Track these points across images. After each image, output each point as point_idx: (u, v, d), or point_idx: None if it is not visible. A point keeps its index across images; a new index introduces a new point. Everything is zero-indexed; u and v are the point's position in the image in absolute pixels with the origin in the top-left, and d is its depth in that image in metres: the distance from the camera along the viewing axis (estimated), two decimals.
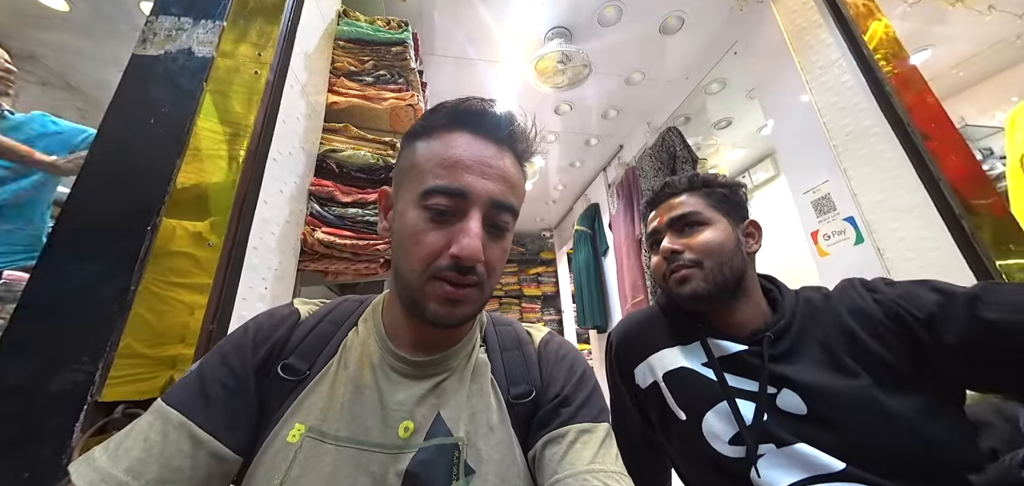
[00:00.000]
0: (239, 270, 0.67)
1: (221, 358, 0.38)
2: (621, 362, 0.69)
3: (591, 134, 2.83)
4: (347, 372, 0.40)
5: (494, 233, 0.39)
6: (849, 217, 1.45)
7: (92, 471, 0.31)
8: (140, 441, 0.33)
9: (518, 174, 0.43)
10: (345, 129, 1.07)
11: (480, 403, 0.41)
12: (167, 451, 0.33)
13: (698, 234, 0.61)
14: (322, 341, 0.42)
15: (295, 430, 0.36)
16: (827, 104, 1.54)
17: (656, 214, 0.68)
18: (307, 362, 0.40)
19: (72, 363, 0.51)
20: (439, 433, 0.38)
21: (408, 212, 0.38)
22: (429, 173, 0.38)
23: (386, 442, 0.36)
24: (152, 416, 0.35)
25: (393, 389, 0.39)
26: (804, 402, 0.53)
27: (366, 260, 0.96)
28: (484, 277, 0.39)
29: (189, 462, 0.33)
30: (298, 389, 0.38)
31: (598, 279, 3.04)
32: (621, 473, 0.38)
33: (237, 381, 0.37)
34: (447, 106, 0.41)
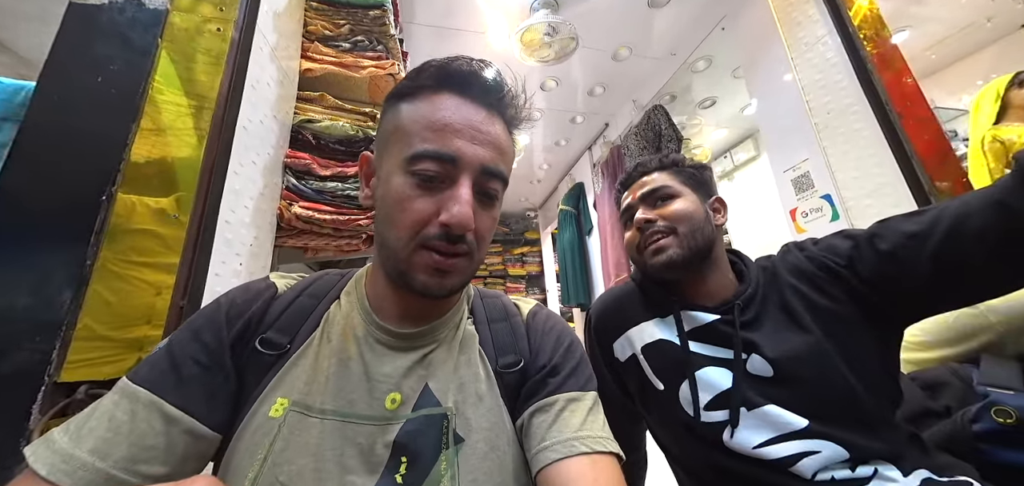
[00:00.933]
0: (210, 243, 0.63)
1: (192, 334, 0.36)
2: (600, 336, 0.70)
3: (577, 111, 2.80)
4: (330, 345, 0.38)
5: (484, 201, 0.38)
6: (826, 195, 1.49)
7: (51, 453, 0.29)
8: (105, 420, 0.31)
9: (508, 141, 0.41)
10: (321, 98, 1.01)
11: (468, 374, 0.40)
12: (136, 429, 0.31)
13: (670, 205, 0.64)
14: (302, 315, 0.40)
15: (278, 404, 0.35)
16: (811, 82, 1.56)
17: (628, 192, 0.70)
18: (287, 336, 0.38)
19: (24, 343, 0.47)
20: (427, 404, 0.37)
21: (394, 178, 0.36)
22: (416, 136, 0.36)
23: (373, 414, 0.35)
24: (117, 396, 0.33)
25: (379, 361, 0.38)
26: (770, 365, 0.55)
27: (347, 236, 0.93)
28: (474, 246, 0.38)
29: (163, 440, 0.31)
30: (279, 364, 0.37)
31: (582, 258, 3.07)
32: (608, 438, 0.38)
33: (211, 357, 0.36)
34: (434, 65, 0.39)
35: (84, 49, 0.59)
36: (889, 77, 1.33)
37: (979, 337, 0.66)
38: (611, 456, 0.37)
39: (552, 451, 0.36)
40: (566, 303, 3.15)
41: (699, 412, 0.56)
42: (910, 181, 1.21)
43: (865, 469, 0.49)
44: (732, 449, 0.54)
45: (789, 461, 0.50)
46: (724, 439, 0.54)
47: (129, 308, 0.55)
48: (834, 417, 0.51)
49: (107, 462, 0.29)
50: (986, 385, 0.60)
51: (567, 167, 3.47)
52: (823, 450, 0.50)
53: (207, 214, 0.63)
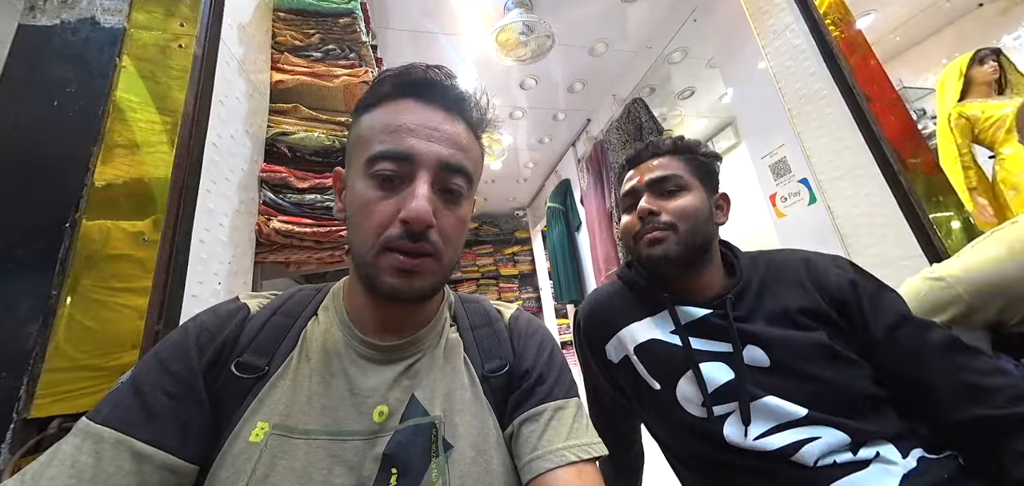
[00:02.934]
0: (185, 264, 0.61)
1: (159, 364, 0.35)
2: (591, 339, 0.69)
3: (558, 109, 2.81)
4: (310, 363, 0.38)
5: (447, 199, 0.38)
6: (803, 179, 1.53)
7: None
8: (66, 467, 0.29)
9: (470, 140, 0.41)
10: (295, 110, 0.99)
11: (455, 382, 0.40)
12: (102, 472, 0.29)
13: (676, 198, 0.62)
14: (279, 335, 0.39)
15: (258, 429, 0.34)
16: (781, 69, 1.60)
17: (635, 173, 0.66)
18: (264, 358, 0.37)
19: None
20: (415, 414, 0.37)
21: (356, 184, 0.37)
22: (374, 140, 0.37)
23: (361, 429, 0.35)
24: (78, 439, 0.31)
25: (363, 375, 0.38)
26: (767, 355, 0.56)
27: (329, 247, 0.91)
28: (440, 247, 0.37)
29: (134, 480, 0.30)
30: (257, 387, 0.36)
31: (573, 254, 3.08)
32: (591, 443, 0.39)
33: (181, 386, 0.34)
34: (391, 74, 0.40)
35: (37, 72, 0.57)
36: (856, 61, 1.37)
37: (949, 309, 0.67)
38: (593, 462, 0.38)
39: (544, 461, 0.37)
40: (560, 300, 3.17)
41: (711, 408, 0.56)
42: (880, 162, 1.25)
43: (867, 451, 0.49)
44: (732, 443, 0.54)
45: (790, 449, 0.50)
46: (725, 433, 0.54)
47: (113, 334, 0.53)
48: (833, 404, 0.52)
49: None
50: None
51: (552, 164, 3.49)
52: (824, 436, 0.50)
53: (179, 235, 0.61)
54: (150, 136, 0.62)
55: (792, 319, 0.57)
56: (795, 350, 0.55)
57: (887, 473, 0.47)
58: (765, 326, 0.57)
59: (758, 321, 0.58)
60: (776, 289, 0.60)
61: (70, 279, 0.52)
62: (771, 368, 0.55)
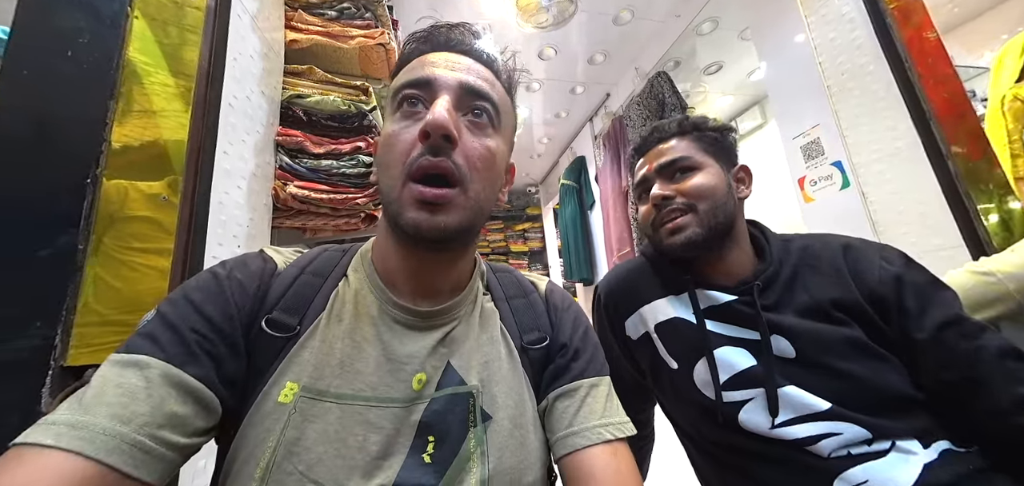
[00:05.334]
0: (205, 225, 0.61)
1: (191, 306, 0.33)
2: (611, 314, 0.68)
3: (577, 82, 2.70)
4: (341, 325, 0.37)
5: (472, 126, 0.37)
6: (837, 162, 1.45)
7: (56, 426, 0.25)
8: (112, 387, 0.27)
9: (495, 81, 0.41)
10: (310, 72, 0.96)
11: (492, 351, 0.40)
12: (154, 395, 0.28)
13: (689, 178, 0.59)
14: (308, 293, 0.38)
15: (287, 389, 0.33)
16: (824, 41, 1.48)
17: (644, 161, 0.65)
18: (295, 316, 0.36)
19: (24, 330, 0.46)
20: (451, 382, 0.36)
21: (388, 127, 0.38)
22: (399, 78, 0.39)
23: (398, 395, 0.34)
24: (118, 366, 0.29)
25: (400, 341, 0.37)
26: (792, 346, 0.53)
27: (346, 215, 0.90)
28: (465, 172, 0.35)
29: (180, 410, 0.28)
30: (288, 346, 0.35)
31: (585, 233, 3.04)
32: (624, 422, 0.39)
33: (217, 332, 0.33)
34: (420, 33, 0.41)
35: (48, 20, 0.55)
36: (909, 33, 1.25)
37: (997, 306, 0.63)
38: (626, 441, 0.38)
39: (580, 437, 0.36)
40: (569, 278, 3.15)
41: (720, 393, 0.55)
42: (927, 145, 1.16)
43: (882, 443, 0.47)
44: (746, 428, 0.53)
45: (808, 441, 0.49)
46: (740, 418, 0.53)
47: (137, 293, 0.54)
48: (859, 400, 0.49)
49: (129, 426, 0.26)
50: None
51: (568, 140, 3.39)
52: (845, 432, 0.48)
53: (198, 195, 0.60)
54: (164, 94, 0.60)
55: (824, 312, 0.54)
56: (824, 344, 0.52)
57: (905, 462, 0.46)
58: (794, 318, 0.54)
59: (787, 312, 0.55)
60: (809, 278, 0.57)
61: (94, 237, 0.52)
62: (796, 360, 0.53)
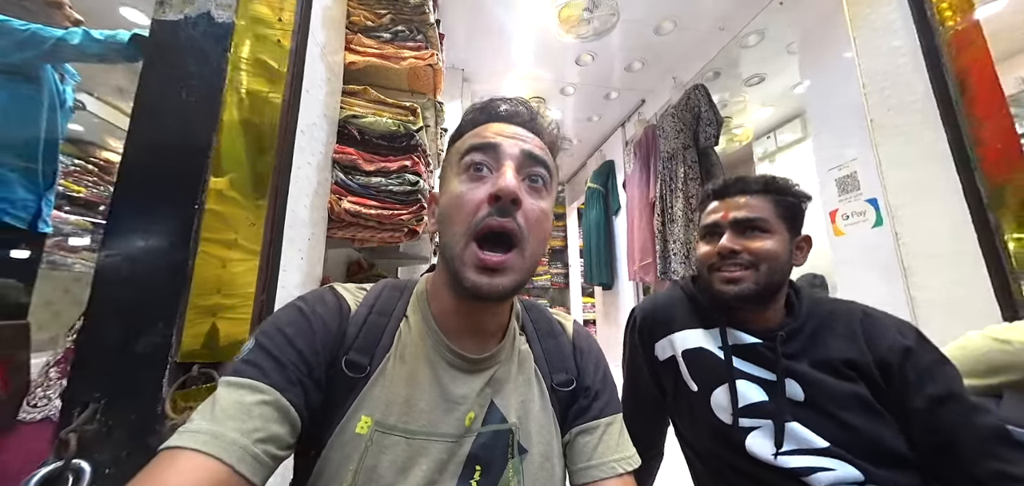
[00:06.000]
0: (280, 246, 0.72)
1: (286, 340, 0.38)
2: (643, 335, 0.75)
3: (612, 87, 2.69)
4: (405, 366, 0.42)
5: (531, 188, 0.42)
6: (872, 199, 1.42)
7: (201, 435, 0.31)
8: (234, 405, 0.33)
9: (546, 151, 0.45)
10: (365, 92, 1.06)
11: (528, 392, 0.45)
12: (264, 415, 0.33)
13: (759, 240, 0.63)
14: (376, 334, 0.43)
15: (362, 422, 0.38)
16: (873, 71, 1.44)
17: (721, 206, 0.67)
18: (366, 356, 0.41)
19: (151, 328, 0.58)
20: (494, 420, 0.42)
21: (451, 184, 0.42)
22: (466, 142, 0.43)
23: (452, 431, 0.40)
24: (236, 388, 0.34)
25: (454, 383, 0.42)
26: (803, 391, 0.60)
27: (391, 229, 1.00)
28: (524, 232, 0.39)
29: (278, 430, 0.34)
30: (361, 384, 0.40)
31: (607, 238, 3.06)
32: (632, 456, 0.46)
33: (305, 366, 0.38)
34: (479, 104, 0.46)
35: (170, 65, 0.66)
36: (963, 63, 1.20)
37: (1007, 373, 0.66)
38: (632, 474, 0.45)
39: (598, 470, 0.43)
40: (589, 281, 3.20)
41: (737, 420, 0.61)
42: (969, 194, 1.13)
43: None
44: (751, 453, 0.59)
45: (804, 472, 0.56)
46: (747, 444, 0.60)
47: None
48: (856, 447, 0.55)
49: (249, 439, 0.32)
50: (1004, 420, 0.62)
51: (598, 143, 3.39)
52: (838, 470, 0.55)
53: (276, 223, 0.71)
54: (255, 125, 0.71)
55: (835, 368, 0.60)
56: (830, 394, 0.58)
57: None
58: (808, 368, 0.61)
59: (803, 361, 0.61)
60: (828, 337, 0.63)
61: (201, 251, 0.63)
62: (804, 403, 0.60)
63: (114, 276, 0.59)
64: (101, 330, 0.57)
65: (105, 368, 0.56)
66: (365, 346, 0.42)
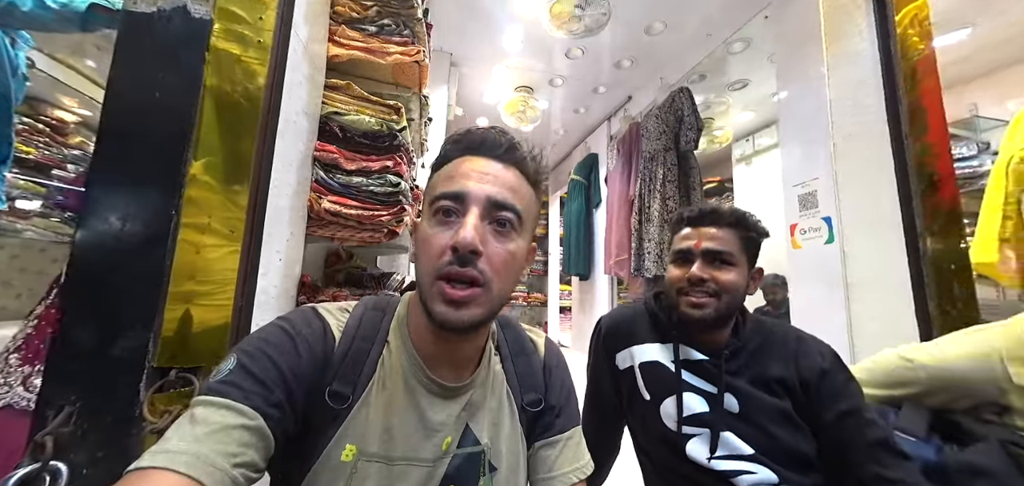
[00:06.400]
0: (259, 250, 0.73)
1: (270, 361, 0.38)
2: (607, 345, 0.82)
3: (601, 82, 2.70)
4: (386, 393, 0.43)
5: (498, 232, 0.42)
6: (827, 217, 1.53)
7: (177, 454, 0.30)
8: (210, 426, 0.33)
9: (522, 184, 0.45)
10: (347, 87, 1.04)
11: (499, 414, 0.49)
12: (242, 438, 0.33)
13: (725, 271, 0.70)
14: (359, 361, 0.44)
15: (347, 450, 0.40)
16: (840, 98, 1.52)
17: (694, 234, 0.73)
18: (350, 386, 0.42)
19: (127, 332, 0.59)
20: (469, 443, 0.45)
21: (422, 224, 0.44)
22: (438, 186, 0.44)
23: (430, 456, 0.43)
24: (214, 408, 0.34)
25: (432, 409, 0.44)
26: (739, 404, 0.69)
27: (371, 229, 1.02)
28: (489, 275, 0.40)
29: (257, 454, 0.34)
30: (344, 414, 0.41)
31: (587, 231, 3.14)
32: (586, 463, 0.52)
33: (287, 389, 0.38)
34: (455, 137, 0.47)
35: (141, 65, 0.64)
36: (917, 99, 1.29)
37: (908, 387, 0.76)
38: (586, 481, 0.51)
39: (557, 481, 0.48)
40: (567, 271, 3.29)
41: (681, 426, 0.70)
42: (906, 223, 1.25)
43: None
44: (690, 457, 0.68)
45: (732, 475, 0.65)
46: (687, 449, 0.69)
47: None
48: (776, 454, 0.65)
49: (226, 459, 0.31)
50: (898, 428, 0.73)
51: (583, 135, 3.41)
52: (759, 474, 0.64)
53: (256, 229, 0.72)
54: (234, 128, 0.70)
55: (767, 385, 0.69)
56: (761, 408, 0.68)
57: None
58: (746, 384, 0.70)
59: (742, 378, 0.70)
60: (765, 357, 0.72)
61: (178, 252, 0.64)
62: (739, 415, 0.69)
63: (87, 277, 0.60)
64: (75, 333, 0.58)
65: (80, 371, 0.57)
66: (349, 376, 0.43)
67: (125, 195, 0.63)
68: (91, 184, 0.62)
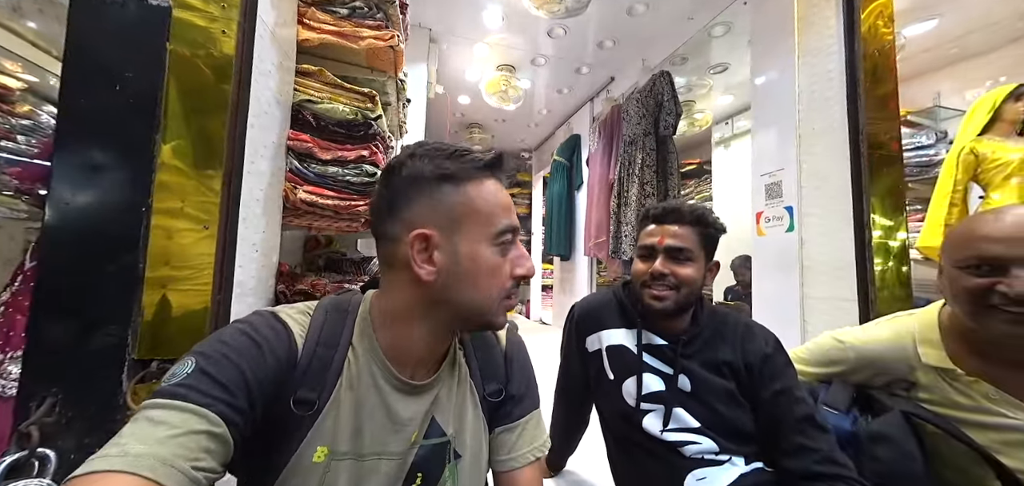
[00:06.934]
0: (235, 243, 0.74)
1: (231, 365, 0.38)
2: (579, 329, 0.90)
3: (584, 62, 2.68)
4: (353, 394, 0.45)
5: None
6: (789, 206, 1.62)
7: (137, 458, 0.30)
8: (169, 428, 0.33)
9: None
10: (320, 74, 1.02)
11: (463, 405, 0.52)
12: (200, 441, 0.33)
13: (684, 267, 0.77)
14: (324, 367, 0.44)
15: (318, 452, 0.42)
16: (808, 91, 1.58)
17: (658, 231, 0.80)
18: (314, 392, 0.43)
19: (105, 329, 0.61)
20: (435, 434, 0.48)
21: (482, 251, 0.45)
22: (495, 216, 0.46)
23: (398, 449, 0.46)
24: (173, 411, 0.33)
25: (400, 406, 0.46)
26: (690, 384, 0.77)
27: (347, 219, 1.03)
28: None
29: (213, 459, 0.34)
30: (312, 419, 0.42)
31: (569, 212, 3.19)
32: (545, 442, 0.57)
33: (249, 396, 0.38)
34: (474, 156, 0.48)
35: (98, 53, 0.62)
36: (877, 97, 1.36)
37: (838, 365, 0.85)
38: (542, 459, 0.56)
39: (515, 461, 0.53)
40: (549, 251, 3.36)
41: (640, 403, 0.78)
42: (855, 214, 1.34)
43: (723, 456, 0.73)
44: (646, 430, 0.77)
45: (680, 444, 0.74)
46: (643, 423, 0.77)
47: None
48: (719, 427, 0.74)
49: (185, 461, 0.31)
50: (825, 402, 0.83)
51: (566, 115, 3.40)
52: (702, 443, 0.73)
53: (230, 215, 0.72)
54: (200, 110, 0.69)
55: (717, 367, 0.78)
56: (710, 388, 0.76)
57: (730, 470, 0.72)
58: (698, 367, 0.78)
59: (695, 361, 0.79)
60: (717, 342, 0.80)
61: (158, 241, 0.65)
62: (690, 393, 0.77)
63: (59, 269, 0.61)
64: (50, 328, 0.59)
65: (60, 364, 0.59)
66: (313, 382, 0.43)
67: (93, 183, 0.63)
68: (56, 169, 0.61)
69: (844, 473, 0.65)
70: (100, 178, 0.63)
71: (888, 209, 1.32)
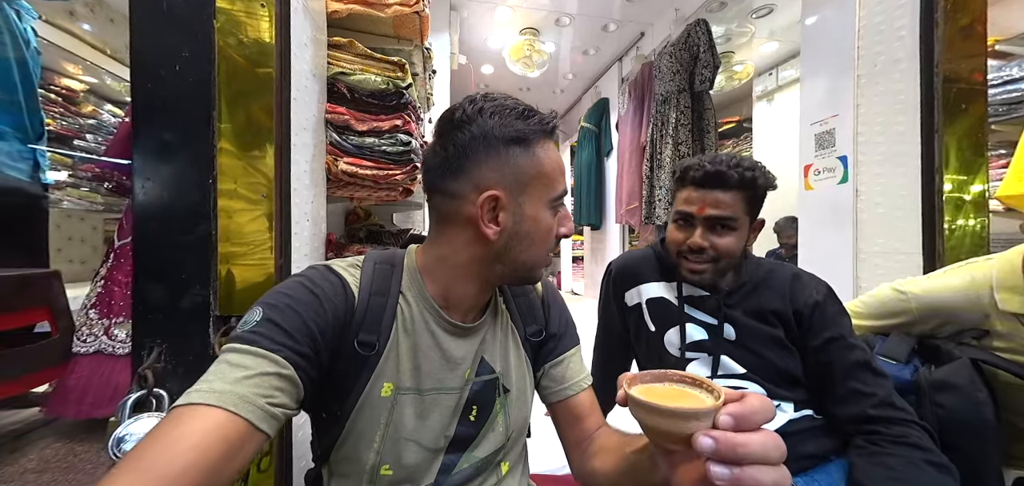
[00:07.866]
0: (289, 215, 0.80)
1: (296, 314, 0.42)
2: (617, 286, 0.91)
3: (611, 18, 2.53)
4: (409, 338, 0.49)
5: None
6: (843, 156, 1.49)
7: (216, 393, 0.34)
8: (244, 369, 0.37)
9: None
10: (350, 45, 1.04)
11: (507, 344, 0.57)
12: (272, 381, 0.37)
13: (725, 237, 0.73)
14: (380, 313, 0.48)
15: (386, 387, 0.47)
16: (870, 24, 1.41)
17: (698, 199, 0.74)
18: (374, 335, 0.47)
19: (192, 290, 0.70)
20: (485, 371, 0.54)
21: (542, 215, 0.49)
22: (557, 181, 0.50)
23: (454, 385, 0.51)
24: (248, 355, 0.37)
25: (453, 346, 0.51)
26: (735, 333, 0.76)
27: (386, 188, 1.07)
28: None
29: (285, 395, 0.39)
30: (375, 359, 0.47)
31: (598, 180, 3.12)
32: (589, 374, 0.61)
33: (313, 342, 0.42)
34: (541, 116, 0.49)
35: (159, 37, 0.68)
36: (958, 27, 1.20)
37: (899, 317, 0.81)
38: (591, 387, 0.60)
39: (569, 389, 0.58)
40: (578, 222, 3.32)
41: (684, 352, 0.78)
42: (925, 158, 1.21)
43: (772, 402, 0.71)
44: None
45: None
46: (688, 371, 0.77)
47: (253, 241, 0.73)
48: (765, 372, 0.73)
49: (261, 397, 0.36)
50: (882, 354, 0.79)
51: (593, 79, 3.26)
52: (749, 388, 0.72)
53: (283, 191, 0.78)
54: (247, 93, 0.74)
55: (763, 316, 0.75)
56: (755, 336, 0.75)
57: (778, 415, 0.71)
58: (742, 315, 0.76)
59: (739, 311, 0.77)
60: (763, 292, 0.77)
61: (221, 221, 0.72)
62: (735, 341, 0.76)
63: (150, 245, 0.69)
64: (149, 288, 0.69)
65: (160, 321, 0.69)
66: (372, 326, 0.47)
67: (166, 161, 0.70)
68: (136, 150, 0.69)
69: (902, 416, 0.62)
70: (172, 157, 0.70)
71: (965, 152, 1.18)
